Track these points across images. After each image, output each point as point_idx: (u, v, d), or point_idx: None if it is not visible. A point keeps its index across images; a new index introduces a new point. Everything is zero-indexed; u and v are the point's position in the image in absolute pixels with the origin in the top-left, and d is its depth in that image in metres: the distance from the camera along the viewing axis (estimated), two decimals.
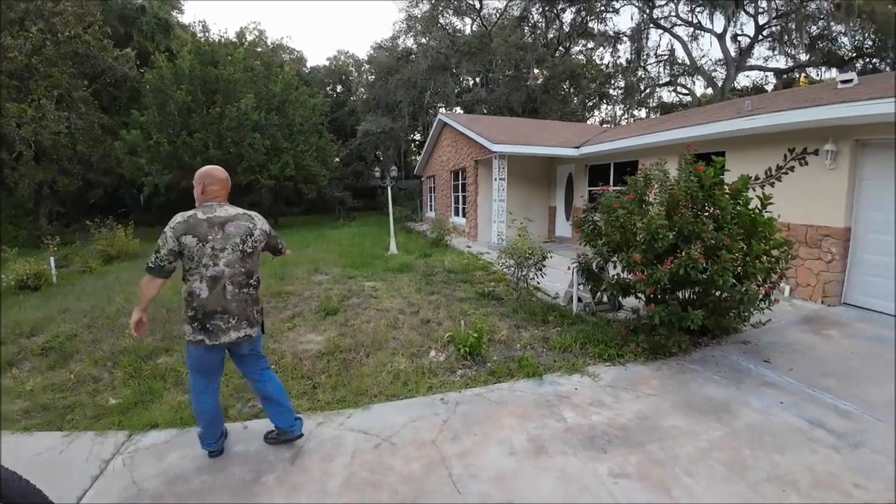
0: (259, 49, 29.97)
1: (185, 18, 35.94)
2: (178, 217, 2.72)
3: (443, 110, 26.66)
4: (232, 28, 50.94)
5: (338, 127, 30.40)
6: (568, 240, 12.73)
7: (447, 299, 6.55)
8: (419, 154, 26.92)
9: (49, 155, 19.76)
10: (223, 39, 25.30)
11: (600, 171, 11.68)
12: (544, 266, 6.03)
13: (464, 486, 2.65)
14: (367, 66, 35.68)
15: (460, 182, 15.79)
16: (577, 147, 11.74)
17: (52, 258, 9.89)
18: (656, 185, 4.82)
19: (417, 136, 34.13)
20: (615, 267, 4.87)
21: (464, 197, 15.35)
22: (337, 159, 27.92)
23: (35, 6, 19.01)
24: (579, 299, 5.66)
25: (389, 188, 12.56)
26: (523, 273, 6.12)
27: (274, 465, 2.91)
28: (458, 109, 29.56)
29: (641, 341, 4.43)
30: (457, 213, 16.44)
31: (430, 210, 21.17)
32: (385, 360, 4.41)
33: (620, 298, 5.06)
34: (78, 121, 20.03)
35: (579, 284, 5.60)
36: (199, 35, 29.57)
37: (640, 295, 4.65)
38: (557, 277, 7.07)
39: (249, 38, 33.21)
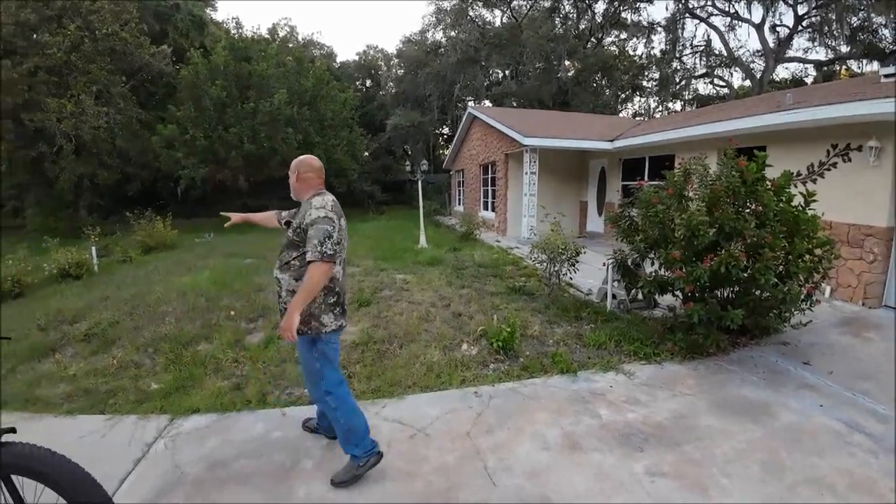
0: (290, 45, 30.38)
1: (217, 16, 36.53)
2: (327, 202, 2.61)
3: (471, 104, 26.57)
4: (263, 25, 51.74)
5: (367, 121, 30.60)
6: (600, 235, 12.54)
7: (478, 293, 6.55)
8: (447, 148, 26.87)
9: (89, 149, 20.33)
10: (256, 36, 25.74)
11: (634, 165, 11.44)
12: (577, 262, 5.98)
13: (499, 479, 2.67)
14: (395, 61, 35.73)
15: (490, 176, 15.72)
16: (611, 140, 11.52)
17: (93, 248, 10.22)
18: (696, 180, 4.72)
19: (446, 130, 34.12)
20: (652, 264, 4.80)
21: (493, 191, 15.28)
22: (366, 153, 28.15)
23: (72, 4, 19.61)
24: (614, 296, 5.59)
25: (420, 182, 12.56)
26: (556, 268, 6.08)
27: (311, 451, 2.97)
28: (487, 102, 29.41)
29: (678, 340, 4.35)
30: (486, 208, 16.40)
31: (459, 204, 21.17)
32: (418, 352, 4.47)
33: (657, 296, 4.97)
34: (117, 116, 20.60)
35: (614, 281, 5.54)
36: (232, 32, 30.10)
37: (677, 293, 4.57)
38: (590, 274, 7.00)
39: (281, 34, 33.69)
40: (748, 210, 4.36)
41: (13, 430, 1.90)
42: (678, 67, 27.25)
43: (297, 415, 3.43)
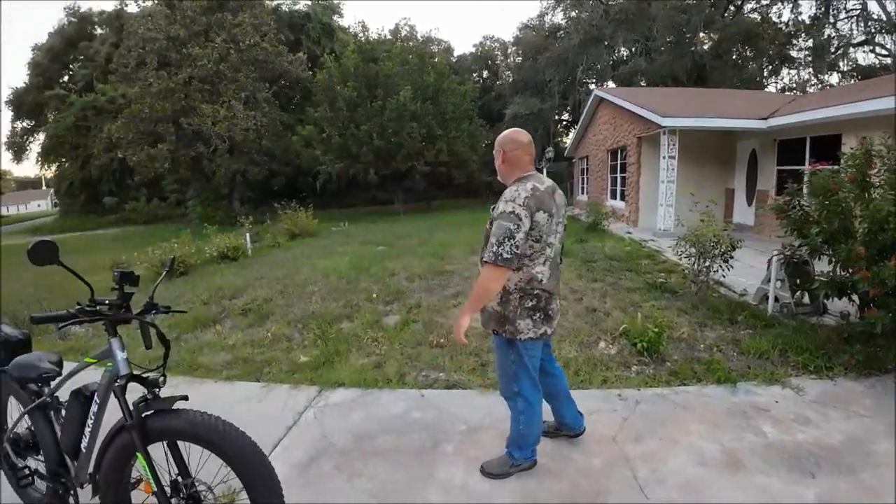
0: (411, 43, 31.45)
1: (344, 22, 38.90)
2: (520, 193, 2.24)
3: (593, 86, 25.39)
4: (386, 26, 54.21)
5: (485, 112, 30.69)
6: (749, 227, 11.15)
7: (612, 288, 6.27)
8: (567, 135, 26.00)
9: (240, 148, 23.14)
10: (381, 37, 27.03)
11: (792, 147, 10.01)
12: (732, 257, 5.42)
13: (650, 490, 2.53)
14: (512, 49, 35.38)
15: (619, 162, 14.89)
16: (765, 119, 10.17)
17: (247, 234, 11.72)
18: (878, 164, 4.04)
19: (566, 117, 33.04)
20: (830, 262, 4.19)
21: (623, 178, 14.48)
22: (485, 144, 28.33)
23: (217, 19, 22.16)
24: (776, 298, 4.95)
25: (546, 169, 12.28)
26: (706, 264, 5.57)
27: (450, 435, 3.04)
28: (611, 83, 27.85)
29: (857, 352, 3.77)
30: (613, 196, 15.61)
31: (582, 193, 20.42)
32: (552, 346, 4.37)
33: (834, 299, 4.32)
34: (263, 119, 23.13)
35: (777, 281, 4.92)
36: (359, 35, 31.93)
37: (853, 297, 3.97)
38: (741, 271, 6.30)
39: (402, 34, 34.99)
40: None
41: (185, 398, 1.90)
42: (832, 35, 23.40)
43: (434, 397, 3.56)
